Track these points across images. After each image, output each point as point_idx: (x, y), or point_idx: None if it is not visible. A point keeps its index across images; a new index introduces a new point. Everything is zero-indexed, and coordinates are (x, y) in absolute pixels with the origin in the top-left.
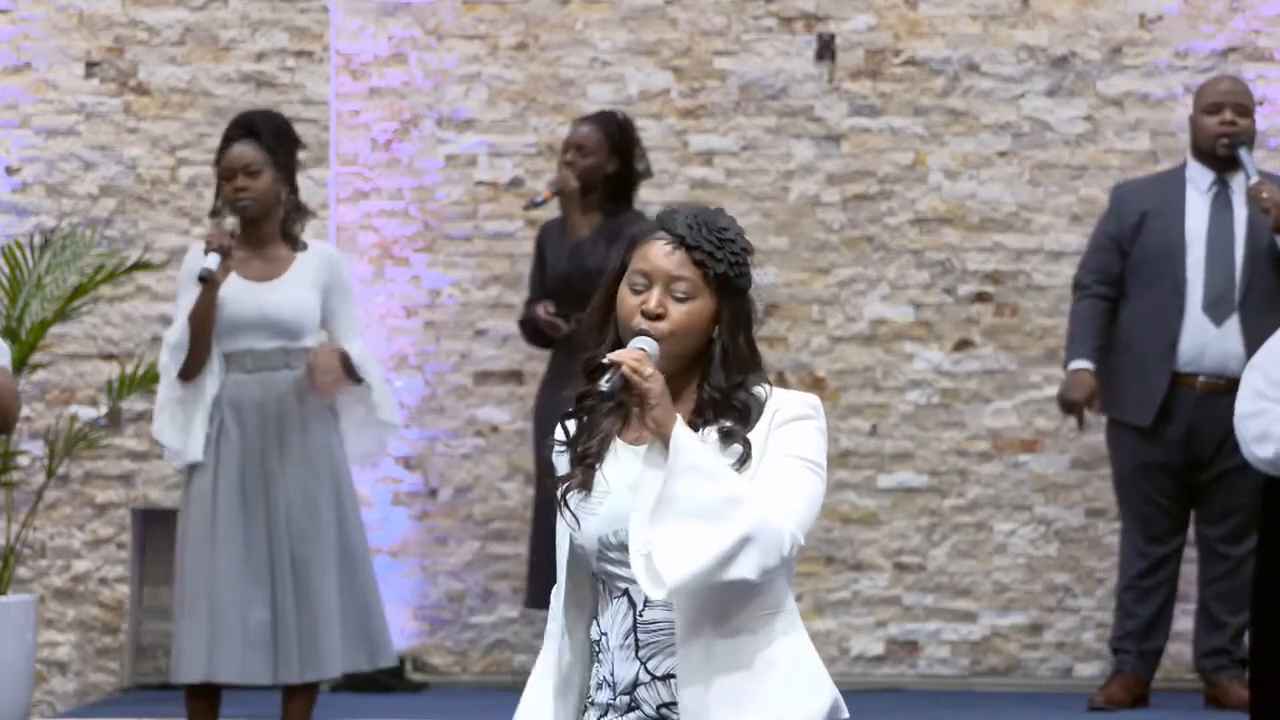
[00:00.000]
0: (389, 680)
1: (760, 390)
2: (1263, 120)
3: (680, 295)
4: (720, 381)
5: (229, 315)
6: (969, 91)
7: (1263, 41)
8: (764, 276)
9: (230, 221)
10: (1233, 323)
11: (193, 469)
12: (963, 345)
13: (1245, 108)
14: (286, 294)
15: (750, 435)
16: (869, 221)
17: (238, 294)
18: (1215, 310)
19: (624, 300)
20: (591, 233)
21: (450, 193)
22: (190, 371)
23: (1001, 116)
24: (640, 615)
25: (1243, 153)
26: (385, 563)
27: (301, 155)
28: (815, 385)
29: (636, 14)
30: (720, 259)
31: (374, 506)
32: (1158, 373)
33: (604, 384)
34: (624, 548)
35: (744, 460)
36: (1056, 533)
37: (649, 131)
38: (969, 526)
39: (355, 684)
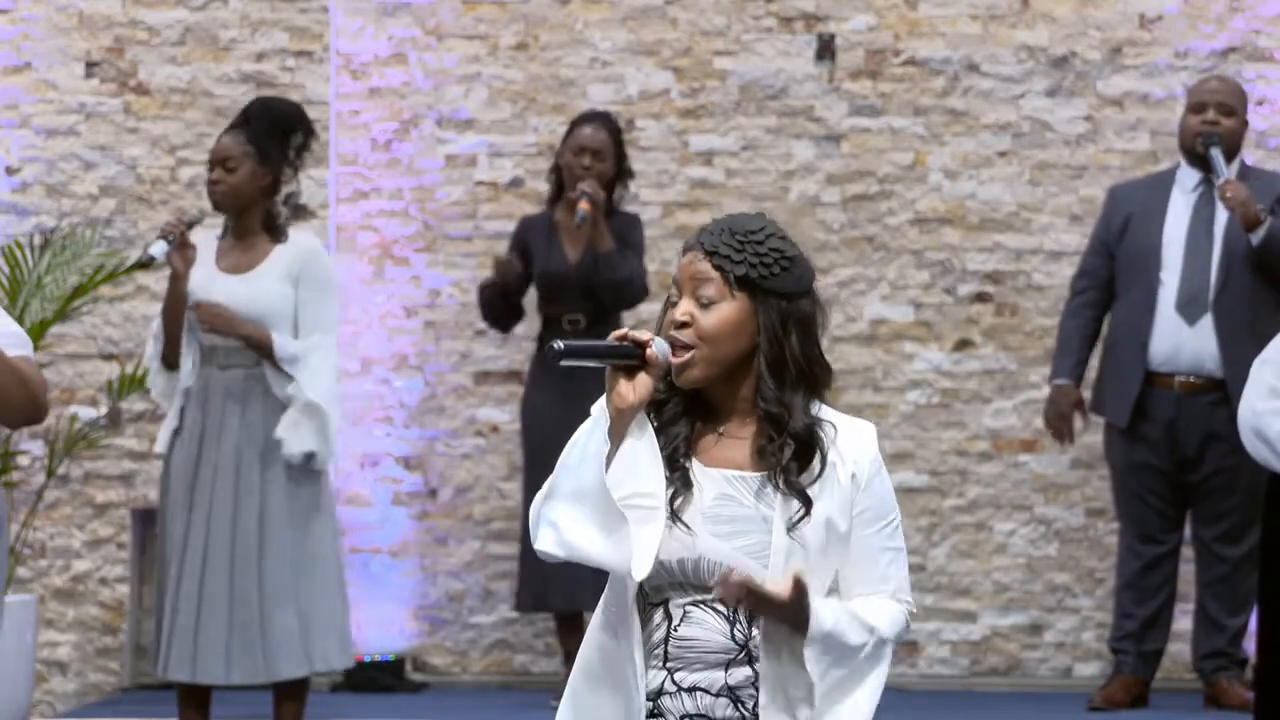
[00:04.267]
0: (389, 680)
1: (822, 416)
2: (1262, 120)
3: (705, 301)
4: (770, 391)
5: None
6: (969, 91)
7: (1263, 41)
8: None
9: (195, 211)
10: (1206, 321)
11: (166, 463)
12: (963, 345)
13: (1230, 108)
14: (255, 286)
15: (819, 481)
16: (869, 221)
17: (208, 285)
18: (1188, 309)
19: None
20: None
21: (450, 193)
22: (169, 360)
23: (1001, 116)
24: (675, 630)
25: (1214, 152)
26: (385, 563)
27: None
28: None
29: (636, 14)
30: (740, 260)
31: (374, 506)
32: (1132, 373)
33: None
34: (686, 575)
35: (803, 516)
36: (1056, 533)
37: (649, 131)
38: (969, 526)
39: (355, 684)
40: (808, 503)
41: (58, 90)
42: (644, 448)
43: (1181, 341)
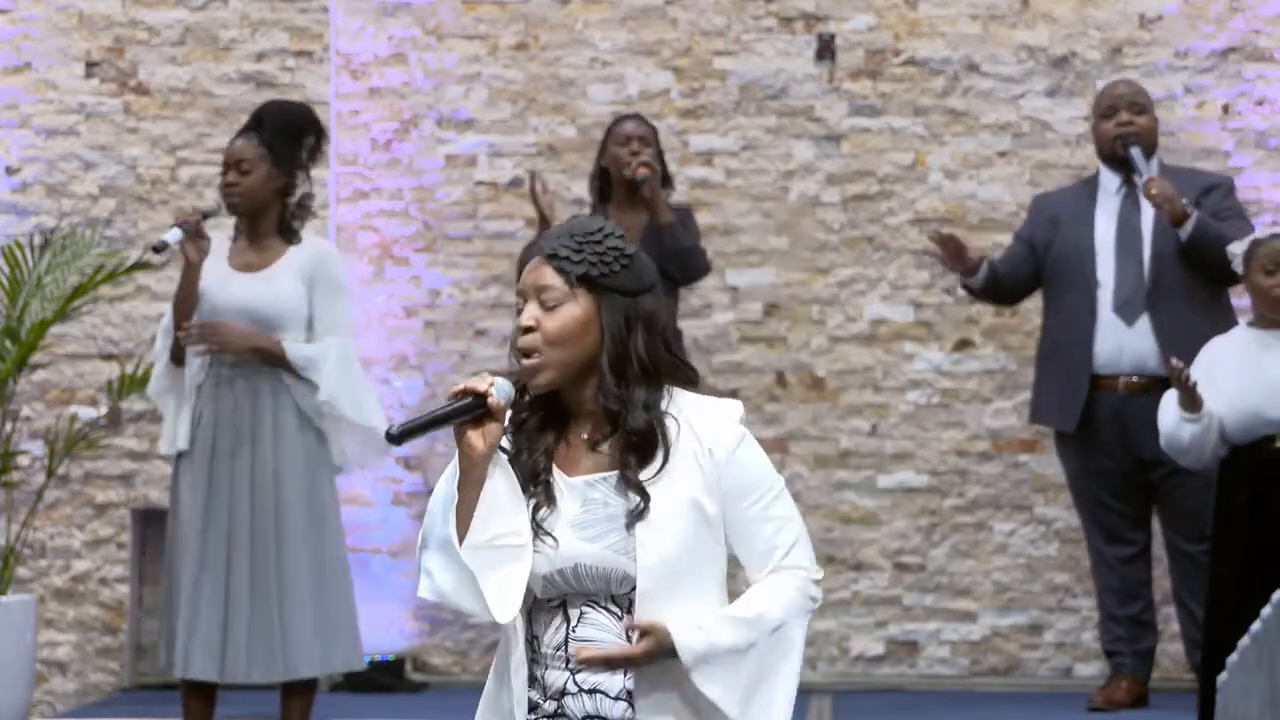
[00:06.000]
0: (389, 680)
1: (674, 406)
2: (1262, 120)
3: (550, 305)
4: (611, 388)
5: (209, 304)
6: (969, 91)
7: (1263, 41)
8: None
9: (211, 203)
10: (1144, 321)
11: (179, 460)
12: (963, 345)
13: (1141, 106)
14: (268, 285)
15: (667, 470)
16: (869, 221)
17: (220, 282)
18: (1126, 311)
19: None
20: (649, 223)
21: (450, 193)
22: (176, 356)
23: (1001, 116)
24: (573, 630)
25: (1134, 151)
26: (385, 563)
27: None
28: (815, 385)
29: (636, 14)
30: (579, 261)
31: (374, 506)
32: (1077, 377)
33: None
34: (569, 584)
35: (640, 514)
36: (1056, 533)
37: None
38: (969, 526)
39: (355, 684)
40: (645, 496)
41: (58, 90)
42: (502, 487)
43: (1122, 343)
